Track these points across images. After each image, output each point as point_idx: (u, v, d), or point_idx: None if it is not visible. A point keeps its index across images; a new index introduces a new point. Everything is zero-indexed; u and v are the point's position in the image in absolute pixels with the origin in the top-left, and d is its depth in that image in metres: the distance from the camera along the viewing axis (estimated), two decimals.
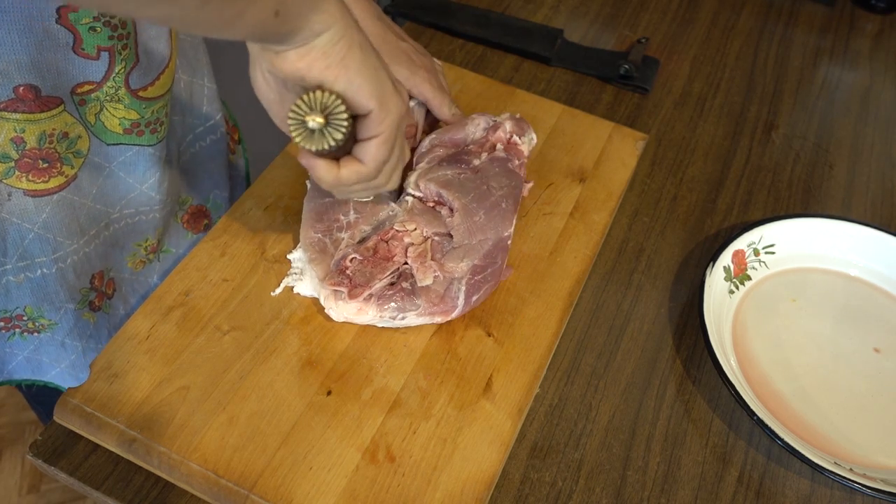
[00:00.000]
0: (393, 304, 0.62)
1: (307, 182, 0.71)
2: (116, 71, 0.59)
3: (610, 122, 0.84)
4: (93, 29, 0.55)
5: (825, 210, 0.84)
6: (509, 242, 0.67)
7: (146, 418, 0.57)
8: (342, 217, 0.66)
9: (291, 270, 0.66)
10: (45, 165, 0.61)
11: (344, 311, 0.62)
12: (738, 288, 0.73)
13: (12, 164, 0.58)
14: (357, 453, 0.57)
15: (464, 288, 0.63)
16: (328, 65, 0.45)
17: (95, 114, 0.62)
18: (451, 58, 0.95)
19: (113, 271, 0.74)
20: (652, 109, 0.92)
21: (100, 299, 0.73)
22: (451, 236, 0.65)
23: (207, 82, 0.79)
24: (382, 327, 0.64)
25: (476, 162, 0.70)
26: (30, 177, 0.60)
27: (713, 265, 0.70)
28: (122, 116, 0.63)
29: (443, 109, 0.74)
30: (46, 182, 0.61)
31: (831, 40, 1.06)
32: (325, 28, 0.44)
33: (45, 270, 0.66)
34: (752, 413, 0.61)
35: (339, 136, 0.47)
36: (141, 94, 0.63)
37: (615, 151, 0.81)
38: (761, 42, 1.04)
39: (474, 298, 0.64)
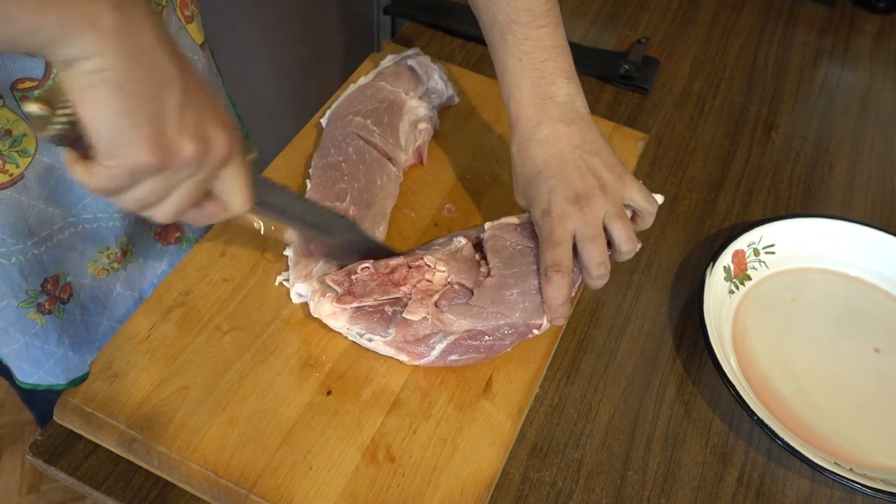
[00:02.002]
0: (366, 324, 0.60)
1: (307, 182, 0.71)
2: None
3: (610, 122, 0.84)
4: None
5: (825, 210, 0.84)
6: (532, 334, 0.62)
7: (146, 418, 0.57)
8: None
9: (288, 269, 0.65)
10: None
11: (320, 309, 0.61)
12: (738, 288, 0.73)
13: None
14: (357, 453, 0.57)
15: (446, 343, 0.60)
16: (72, 85, 0.39)
17: None
18: (451, 58, 0.95)
19: (70, 276, 0.72)
20: (652, 109, 0.92)
21: (51, 303, 0.71)
22: (470, 293, 0.62)
23: None
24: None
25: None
26: None
27: (713, 265, 0.70)
28: None
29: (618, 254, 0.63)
30: None
31: (831, 40, 1.06)
32: (77, 57, 0.38)
33: None
34: (752, 413, 0.61)
35: (44, 134, 0.41)
36: None
37: (615, 151, 0.81)
38: (761, 42, 1.04)
39: (452, 357, 0.60)
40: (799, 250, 0.76)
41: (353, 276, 0.62)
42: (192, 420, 0.57)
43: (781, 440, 0.59)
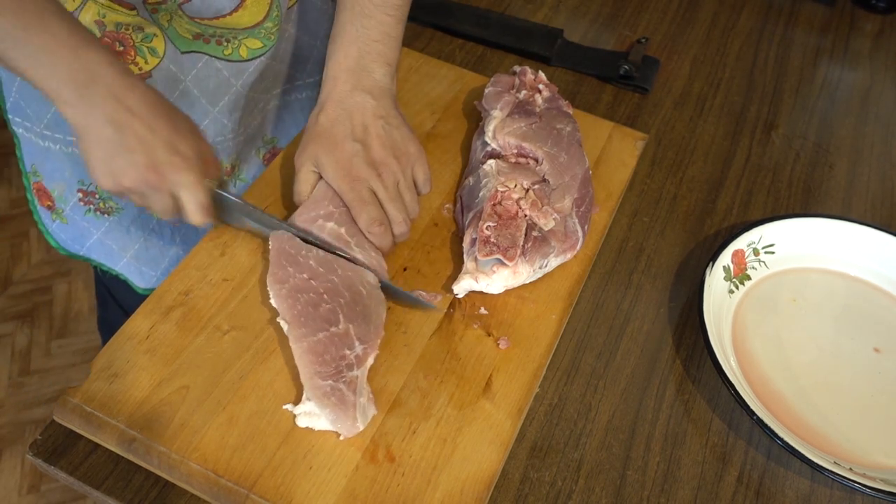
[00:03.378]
0: (538, 255, 0.65)
1: (280, 321, 0.61)
2: None
3: (610, 122, 0.84)
4: None
5: (825, 210, 0.84)
6: (590, 173, 0.74)
7: (146, 418, 0.57)
8: (348, 352, 0.58)
9: (302, 413, 0.58)
10: (121, 49, 0.68)
11: (501, 279, 0.65)
12: (737, 288, 0.73)
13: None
14: (357, 453, 0.57)
15: (577, 220, 0.69)
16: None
17: (168, 20, 0.69)
18: (451, 58, 0.95)
19: None
20: (652, 109, 0.92)
21: None
22: (546, 181, 0.70)
23: (320, 45, 0.85)
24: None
25: (537, 109, 0.76)
26: None
27: (713, 265, 0.70)
28: (187, 27, 0.70)
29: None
30: None
31: (831, 40, 1.06)
32: (68, 117, 0.58)
33: None
34: (751, 413, 0.61)
35: None
36: (198, 20, 0.69)
37: (615, 151, 0.81)
38: (761, 42, 1.04)
39: (587, 227, 0.71)
40: (799, 250, 0.76)
41: (491, 239, 0.64)
42: (192, 420, 0.57)
43: (781, 440, 0.59)
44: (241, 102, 0.78)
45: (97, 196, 0.80)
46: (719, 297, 0.70)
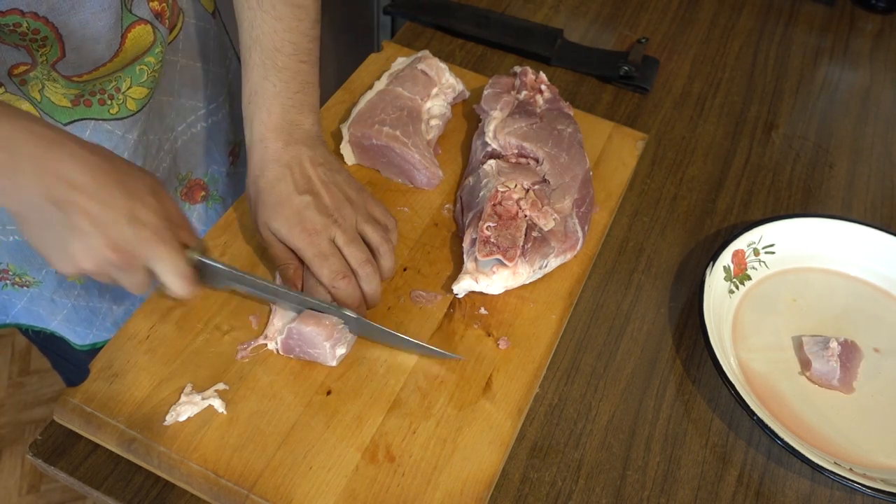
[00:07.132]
0: (538, 255, 0.66)
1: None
2: (39, 62, 0.61)
3: (610, 122, 0.84)
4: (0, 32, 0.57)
5: (825, 210, 0.84)
6: (591, 174, 0.74)
7: (146, 418, 0.57)
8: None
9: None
10: None
11: (501, 280, 0.65)
12: (738, 288, 0.73)
13: None
14: (357, 453, 0.57)
15: (577, 221, 0.69)
16: None
17: (39, 90, 0.63)
18: (451, 58, 0.95)
19: None
20: (652, 109, 0.92)
21: None
22: (546, 182, 0.70)
23: (213, 67, 0.81)
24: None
25: (538, 110, 0.77)
26: None
27: (713, 265, 0.70)
28: (63, 92, 0.64)
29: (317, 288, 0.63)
30: None
31: (831, 40, 1.06)
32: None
33: (17, 237, 0.70)
34: (752, 413, 0.61)
35: None
36: (76, 79, 0.64)
37: (615, 151, 0.81)
38: (761, 42, 1.04)
39: (586, 228, 0.71)
40: (799, 250, 0.76)
41: (491, 239, 0.65)
42: (192, 419, 0.57)
43: (781, 440, 0.59)
44: (139, 150, 0.73)
45: (10, 272, 0.74)
46: (719, 297, 0.70)
